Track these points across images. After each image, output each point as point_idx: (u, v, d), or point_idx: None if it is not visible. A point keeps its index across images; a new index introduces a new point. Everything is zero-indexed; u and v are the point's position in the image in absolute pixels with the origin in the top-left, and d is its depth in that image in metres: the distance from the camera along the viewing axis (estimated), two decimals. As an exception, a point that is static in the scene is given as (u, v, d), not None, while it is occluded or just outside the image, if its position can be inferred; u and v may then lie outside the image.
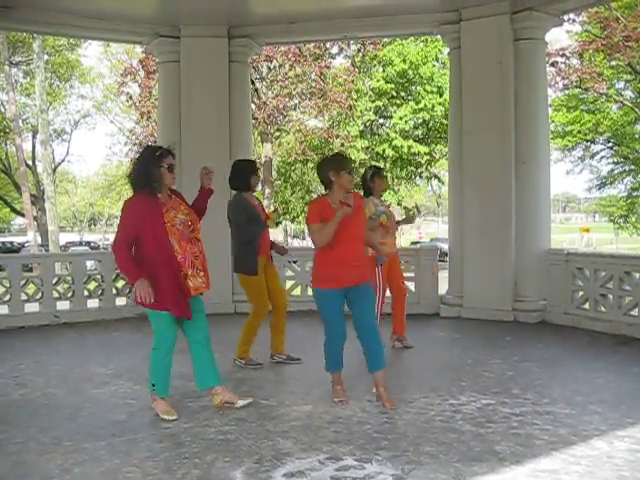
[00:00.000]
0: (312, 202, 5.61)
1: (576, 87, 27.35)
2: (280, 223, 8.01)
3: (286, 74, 25.36)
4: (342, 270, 5.13)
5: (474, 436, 4.46)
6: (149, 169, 4.82)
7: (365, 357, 5.24)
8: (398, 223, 7.42)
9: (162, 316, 4.85)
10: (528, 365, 6.55)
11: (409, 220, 8.45)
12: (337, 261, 5.14)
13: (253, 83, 22.62)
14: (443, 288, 10.04)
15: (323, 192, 5.40)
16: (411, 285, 9.86)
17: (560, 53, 25.42)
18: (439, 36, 11.05)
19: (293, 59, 24.30)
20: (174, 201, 5.00)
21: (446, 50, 14.62)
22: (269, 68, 25.41)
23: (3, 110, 32.74)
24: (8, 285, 9.40)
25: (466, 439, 4.40)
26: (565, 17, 11.25)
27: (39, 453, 4.26)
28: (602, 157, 32.36)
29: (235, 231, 6.55)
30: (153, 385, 5.02)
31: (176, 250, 4.79)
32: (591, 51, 24.92)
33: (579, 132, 29.85)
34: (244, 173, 6.60)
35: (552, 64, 24.32)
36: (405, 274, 9.66)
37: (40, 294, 9.52)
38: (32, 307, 9.54)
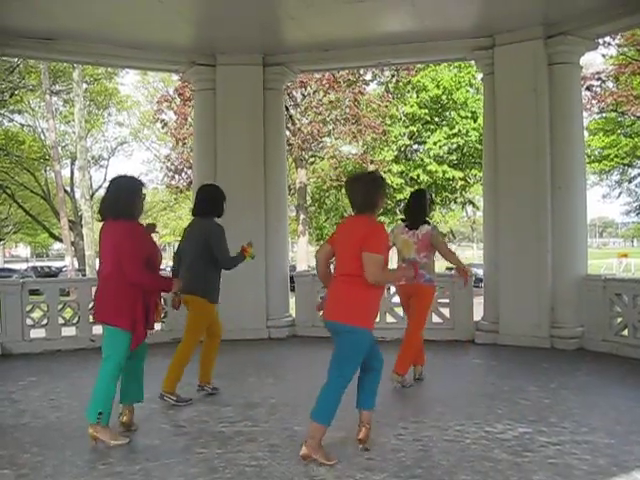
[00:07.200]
0: (380, 227, 4.69)
1: (612, 110, 27.12)
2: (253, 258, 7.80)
3: (320, 100, 25.49)
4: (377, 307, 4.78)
5: (511, 465, 4.39)
6: (135, 198, 5.00)
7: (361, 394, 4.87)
8: None
9: None
10: (566, 393, 6.43)
11: None
12: (378, 297, 4.69)
13: (287, 110, 22.77)
14: (478, 314, 9.91)
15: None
16: (446, 311, 9.78)
17: (595, 77, 25.26)
18: (473, 62, 11.04)
19: (327, 86, 24.44)
20: None
21: (480, 75, 14.57)
22: (303, 95, 25.57)
23: (43, 138, 33.42)
24: (46, 309, 9.56)
25: (502, 468, 4.33)
26: (600, 40, 11.19)
27: (74, 476, 4.28)
28: (641, 181, 32.06)
29: (211, 255, 6.14)
30: (100, 414, 4.81)
31: None
32: (627, 74, 24.75)
33: (616, 156, 29.54)
34: (218, 199, 6.38)
35: (587, 88, 24.18)
36: (440, 300, 9.62)
37: (77, 318, 9.64)
38: (69, 331, 9.65)
